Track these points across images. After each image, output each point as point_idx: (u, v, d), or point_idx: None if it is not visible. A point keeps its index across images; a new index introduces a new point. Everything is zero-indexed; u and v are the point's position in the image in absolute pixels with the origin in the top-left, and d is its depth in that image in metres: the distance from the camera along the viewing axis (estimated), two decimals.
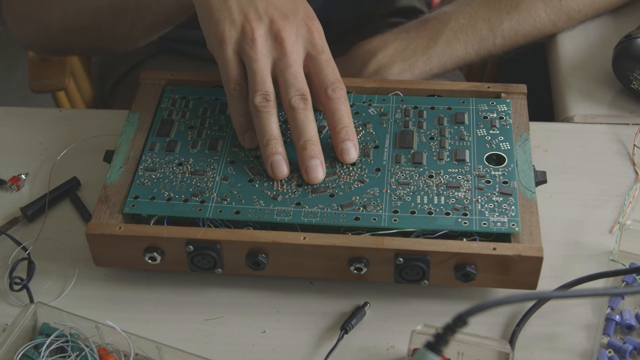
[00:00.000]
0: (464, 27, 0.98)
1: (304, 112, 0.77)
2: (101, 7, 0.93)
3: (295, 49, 0.78)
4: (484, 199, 0.76)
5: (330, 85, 0.79)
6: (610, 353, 0.72)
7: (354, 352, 0.74)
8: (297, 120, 0.77)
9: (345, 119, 0.79)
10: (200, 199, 0.77)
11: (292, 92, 0.77)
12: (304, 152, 0.78)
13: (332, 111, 0.79)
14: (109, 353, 0.72)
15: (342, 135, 0.79)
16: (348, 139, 0.79)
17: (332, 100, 0.79)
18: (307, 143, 0.77)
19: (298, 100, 0.77)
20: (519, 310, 0.76)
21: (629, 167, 0.88)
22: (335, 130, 0.79)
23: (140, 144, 0.83)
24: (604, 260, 0.79)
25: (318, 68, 0.79)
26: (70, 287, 0.79)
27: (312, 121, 0.78)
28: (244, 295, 0.78)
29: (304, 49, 0.79)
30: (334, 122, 0.79)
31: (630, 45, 0.91)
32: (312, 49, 0.79)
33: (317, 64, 0.79)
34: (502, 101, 0.86)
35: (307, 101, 0.78)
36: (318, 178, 0.78)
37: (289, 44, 0.78)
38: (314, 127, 0.78)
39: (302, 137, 0.78)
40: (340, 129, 0.79)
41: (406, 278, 0.75)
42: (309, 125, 0.78)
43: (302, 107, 0.77)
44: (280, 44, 0.78)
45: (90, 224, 0.76)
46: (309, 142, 0.77)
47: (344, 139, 0.79)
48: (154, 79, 0.89)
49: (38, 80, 1.13)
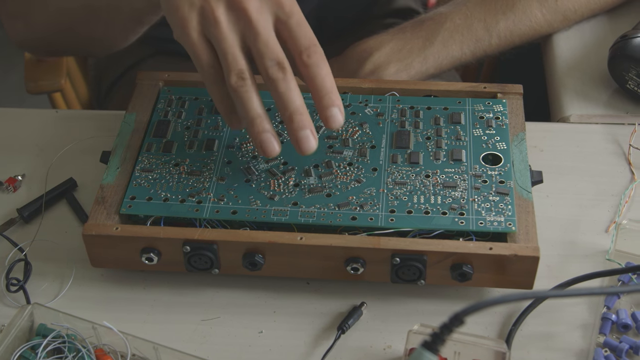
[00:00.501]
0: (459, 27, 0.98)
1: (284, 82, 0.72)
2: (76, 8, 0.93)
3: (262, 16, 0.73)
4: (481, 199, 0.77)
5: (304, 50, 0.73)
6: (606, 352, 0.73)
7: (350, 352, 0.74)
8: (279, 91, 0.72)
9: (327, 83, 0.73)
10: (197, 199, 0.77)
11: (267, 62, 0.72)
12: (291, 125, 0.73)
13: (311, 78, 0.73)
14: (105, 354, 0.72)
15: (326, 101, 0.73)
16: (332, 104, 0.73)
17: (309, 67, 0.73)
18: (294, 114, 0.72)
19: (275, 70, 0.72)
20: (515, 309, 0.76)
21: (624, 167, 0.88)
22: (317, 97, 0.73)
23: (136, 144, 0.83)
24: (600, 259, 0.80)
25: (290, 33, 0.73)
26: (67, 288, 0.79)
27: (294, 89, 0.72)
28: (241, 296, 0.78)
29: (272, 14, 0.73)
30: (315, 89, 0.73)
31: (625, 46, 0.91)
32: (281, 12, 0.73)
33: (289, 28, 0.73)
34: (498, 101, 0.86)
35: (285, 69, 0.72)
36: (311, 148, 0.73)
37: (254, 12, 0.73)
38: (298, 95, 0.73)
39: (287, 109, 0.73)
40: (323, 96, 0.73)
41: (403, 278, 0.75)
42: (292, 95, 0.72)
43: (281, 76, 0.72)
44: (243, 14, 0.73)
45: (87, 225, 0.76)
46: (295, 112, 0.72)
47: (327, 106, 0.73)
48: (151, 80, 0.89)
49: (34, 82, 1.13)
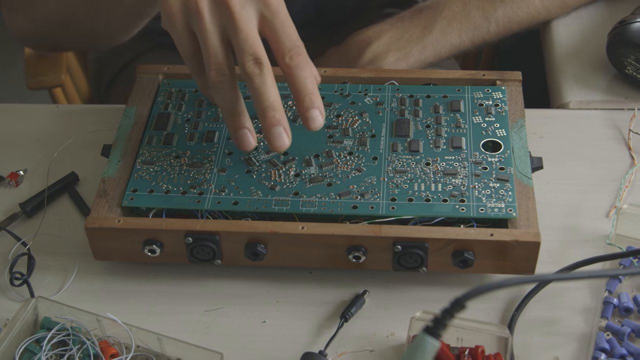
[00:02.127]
0: (458, 15, 0.98)
1: (259, 78, 0.72)
2: (75, 1, 0.93)
3: (245, 12, 0.73)
4: (481, 186, 0.77)
5: (287, 52, 0.73)
6: (608, 336, 0.73)
7: (354, 340, 0.74)
8: (254, 87, 0.73)
9: (308, 85, 0.74)
10: (199, 190, 0.78)
11: (245, 57, 0.72)
12: (265, 120, 0.73)
13: (293, 79, 0.74)
14: (110, 345, 0.72)
15: (306, 103, 0.74)
16: (312, 106, 0.74)
17: (291, 68, 0.74)
18: (267, 110, 0.73)
19: (252, 66, 0.72)
20: (517, 295, 0.76)
21: (624, 152, 0.88)
22: (299, 99, 0.74)
23: (137, 137, 0.83)
24: (601, 244, 0.80)
25: (274, 34, 0.74)
26: (70, 281, 0.80)
27: (270, 86, 0.73)
28: (244, 286, 0.79)
29: (256, 11, 0.74)
30: (296, 90, 0.74)
31: (624, 31, 0.92)
32: (266, 10, 0.74)
33: (273, 28, 0.74)
34: (498, 88, 0.86)
35: (262, 65, 0.72)
36: (283, 146, 0.73)
37: (237, 8, 0.73)
38: (273, 92, 0.73)
39: (261, 105, 0.73)
40: (304, 98, 0.74)
41: (404, 265, 0.75)
42: (266, 91, 0.73)
43: (257, 72, 0.72)
44: (226, 9, 0.73)
45: (89, 218, 0.76)
46: (269, 108, 0.73)
47: (308, 108, 0.74)
48: (150, 73, 0.90)
49: (35, 77, 1.14)
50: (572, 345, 0.73)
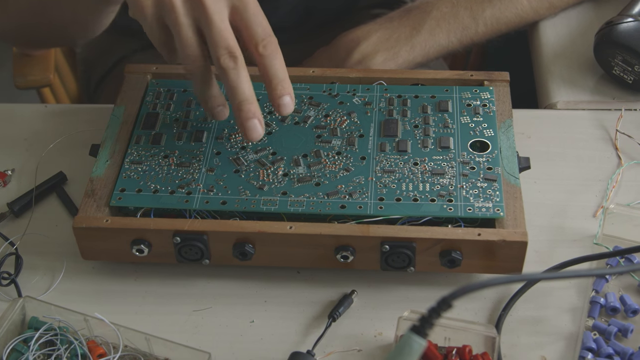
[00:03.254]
0: (446, 15, 0.98)
1: (234, 71, 0.74)
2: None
3: (217, 5, 0.74)
4: (469, 185, 0.77)
5: (260, 41, 0.75)
6: (595, 335, 0.73)
7: (342, 339, 0.74)
8: (229, 81, 0.74)
9: (280, 73, 0.76)
10: (187, 190, 0.78)
11: (219, 51, 0.74)
12: (240, 114, 0.75)
13: (265, 68, 0.76)
14: (97, 345, 0.72)
15: (279, 90, 0.76)
16: (284, 93, 0.76)
17: (264, 57, 0.75)
18: (242, 104, 0.75)
19: (227, 60, 0.74)
20: (504, 295, 0.77)
21: (611, 152, 0.88)
22: (271, 86, 0.76)
23: (125, 137, 0.83)
24: (588, 244, 0.80)
25: (246, 23, 0.76)
26: (58, 281, 0.79)
27: (244, 79, 0.75)
28: (232, 286, 0.79)
29: (228, 2, 0.75)
30: (269, 78, 0.76)
31: (611, 32, 0.92)
32: (237, 1, 0.75)
33: (245, 18, 0.75)
34: (485, 89, 0.86)
35: (237, 58, 0.74)
36: (258, 137, 0.76)
37: (209, 1, 0.74)
38: (247, 85, 0.75)
39: (237, 98, 0.75)
40: (276, 85, 0.76)
41: (392, 265, 0.75)
42: (241, 84, 0.74)
43: (232, 65, 0.74)
44: (199, 2, 0.74)
45: (77, 218, 0.76)
46: (244, 102, 0.75)
47: (280, 94, 0.76)
48: (139, 73, 0.90)
49: (23, 77, 1.13)
50: (559, 345, 0.73)
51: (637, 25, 0.91)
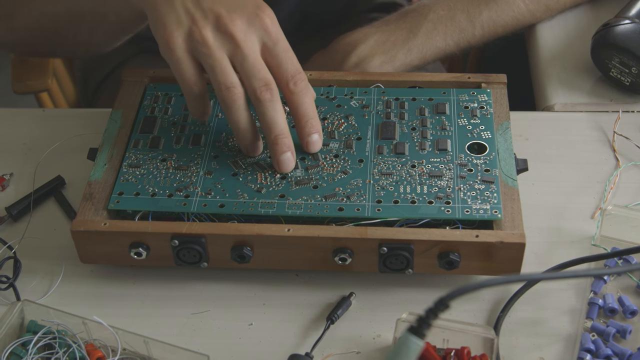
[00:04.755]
0: (443, 18, 0.99)
1: (271, 104, 0.76)
2: (60, 12, 0.93)
3: (249, 39, 0.76)
4: (466, 187, 0.77)
5: (291, 78, 0.78)
6: (593, 337, 0.73)
7: (340, 342, 0.74)
8: (266, 114, 0.76)
9: (309, 111, 0.79)
10: (185, 193, 0.78)
11: (256, 82, 0.76)
12: (275, 147, 0.77)
13: (296, 106, 0.78)
14: (96, 349, 0.72)
15: (308, 128, 0.79)
16: (313, 131, 0.79)
17: (295, 94, 0.78)
18: (278, 138, 0.77)
19: (264, 92, 0.76)
20: (503, 296, 0.77)
21: (609, 154, 0.89)
22: (301, 124, 0.79)
23: (123, 141, 0.83)
24: (586, 245, 0.80)
25: (276, 60, 0.77)
26: (56, 285, 0.79)
27: (280, 112, 0.77)
28: (230, 289, 0.79)
29: (259, 39, 0.77)
30: (299, 116, 0.79)
31: (608, 34, 0.92)
32: (267, 38, 0.77)
33: (275, 56, 0.77)
34: (483, 91, 0.86)
35: (273, 90, 0.76)
36: (290, 168, 0.79)
37: (241, 36, 0.76)
38: (283, 119, 0.77)
39: (273, 132, 0.77)
40: (306, 122, 0.79)
41: (390, 267, 0.75)
42: (278, 119, 0.77)
43: (269, 97, 0.76)
44: (231, 38, 0.76)
45: (75, 221, 0.76)
46: (280, 136, 0.77)
47: (309, 133, 0.79)
48: (137, 77, 0.90)
49: (21, 82, 1.13)
50: (557, 346, 0.73)
51: (634, 27, 0.91)
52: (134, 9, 0.82)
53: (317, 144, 0.80)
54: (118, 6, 0.85)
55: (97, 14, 0.90)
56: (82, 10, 0.91)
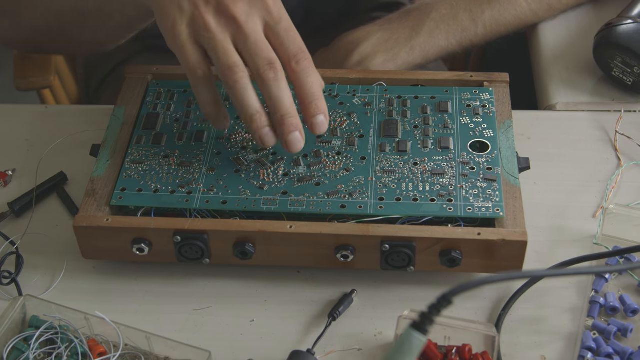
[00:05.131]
0: (445, 17, 0.99)
1: (275, 83, 0.74)
2: (65, 10, 0.93)
3: (251, 20, 0.75)
4: (469, 185, 0.77)
5: (293, 57, 0.76)
6: (595, 335, 0.73)
7: (342, 338, 0.75)
8: (271, 93, 0.74)
9: (314, 90, 0.76)
10: (187, 190, 0.78)
11: (259, 61, 0.74)
12: (282, 127, 0.75)
13: (299, 84, 0.76)
14: (98, 344, 0.72)
15: (313, 109, 0.76)
16: (318, 112, 0.76)
17: (297, 73, 0.76)
18: (285, 117, 0.75)
19: (268, 70, 0.74)
20: (504, 294, 0.77)
21: (611, 153, 0.89)
22: (305, 104, 0.76)
23: (126, 137, 0.83)
24: (588, 244, 0.80)
25: (279, 39, 0.76)
26: (58, 280, 0.80)
27: (285, 91, 0.75)
28: (232, 285, 0.79)
29: (261, 19, 0.76)
30: (303, 95, 0.76)
31: (610, 33, 0.92)
32: (269, 17, 0.76)
33: (277, 35, 0.76)
34: (485, 90, 0.86)
35: (277, 69, 0.74)
36: (299, 148, 0.76)
37: (243, 17, 0.75)
38: (288, 97, 0.75)
39: (279, 111, 0.75)
40: (310, 103, 0.76)
41: (392, 264, 0.75)
42: (283, 97, 0.74)
43: (273, 76, 0.74)
44: (232, 19, 0.75)
45: (78, 217, 0.76)
46: (287, 116, 0.75)
47: (314, 113, 0.76)
48: (139, 74, 0.90)
49: (23, 78, 1.14)
50: (558, 344, 0.74)
51: (636, 27, 0.91)
52: (139, 6, 0.82)
53: (323, 125, 0.76)
54: (124, 4, 0.85)
55: (102, 12, 0.90)
56: (87, 9, 0.91)
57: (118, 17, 0.89)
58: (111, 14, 0.89)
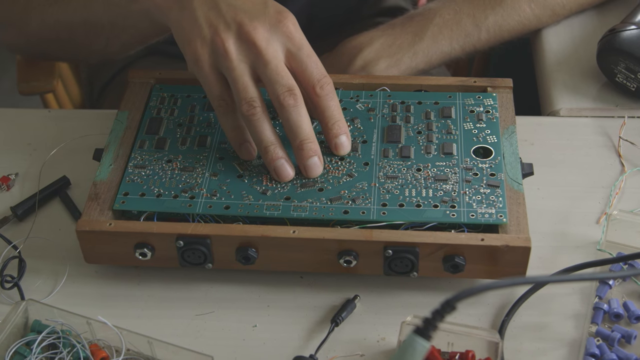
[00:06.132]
0: (449, 22, 0.99)
1: (295, 109, 0.76)
2: (76, 22, 0.93)
3: (271, 46, 0.76)
4: (472, 191, 0.77)
5: (317, 82, 0.78)
6: (598, 342, 0.73)
7: (344, 344, 0.74)
8: (290, 120, 0.76)
9: (336, 113, 0.79)
10: (190, 194, 0.78)
11: (279, 88, 0.76)
12: (301, 153, 0.77)
13: (322, 109, 0.78)
14: (100, 349, 0.72)
15: (335, 130, 0.79)
16: (341, 133, 0.79)
17: (321, 98, 0.78)
18: (304, 143, 0.77)
19: (287, 97, 0.76)
20: (508, 300, 0.77)
21: (614, 159, 0.89)
22: (328, 126, 0.79)
23: (129, 141, 0.83)
24: (591, 250, 0.80)
25: (301, 65, 0.78)
26: (61, 285, 0.79)
27: (305, 117, 0.77)
28: (235, 290, 0.79)
29: (282, 45, 0.77)
30: (326, 118, 0.79)
31: (614, 39, 0.92)
32: (290, 44, 0.77)
33: (299, 61, 0.78)
34: (489, 95, 0.86)
35: (297, 96, 0.76)
36: (318, 173, 0.78)
37: (263, 43, 0.76)
38: (308, 123, 0.77)
39: (298, 137, 0.77)
40: (333, 125, 0.79)
41: (395, 270, 0.75)
42: (302, 123, 0.77)
43: (292, 103, 0.76)
44: (253, 45, 0.76)
45: (81, 221, 0.76)
46: (306, 141, 0.77)
47: (337, 134, 0.79)
48: (143, 78, 0.90)
49: (27, 82, 1.14)
50: (562, 351, 0.73)
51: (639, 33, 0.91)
52: (154, 22, 0.83)
53: (346, 145, 0.80)
54: (138, 19, 0.86)
55: (115, 26, 0.90)
56: (100, 22, 0.91)
57: (131, 31, 0.89)
58: (124, 27, 0.89)
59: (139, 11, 0.84)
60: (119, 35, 0.91)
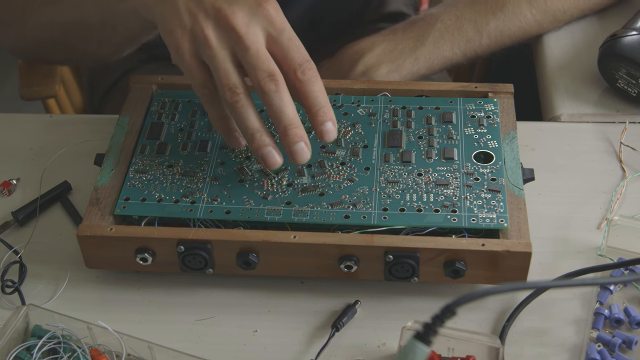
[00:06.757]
0: (450, 28, 0.99)
1: (277, 95, 0.73)
2: (69, 23, 0.93)
3: (251, 31, 0.74)
4: (473, 196, 0.77)
5: (299, 67, 0.75)
6: (599, 347, 0.73)
7: (345, 350, 0.74)
8: (273, 105, 0.74)
9: (320, 98, 0.75)
10: (191, 199, 0.78)
11: (259, 73, 0.73)
12: (286, 139, 0.74)
13: (305, 94, 0.75)
14: (101, 354, 0.72)
15: (320, 117, 0.75)
16: (326, 119, 0.75)
17: (303, 83, 0.75)
18: (288, 128, 0.74)
19: (268, 82, 0.73)
20: (508, 306, 0.76)
21: (615, 164, 0.89)
22: (312, 112, 0.75)
23: (130, 146, 0.83)
24: (592, 256, 0.80)
25: (282, 50, 0.75)
26: (62, 290, 0.79)
27: (288, 102, 0.74)
28: (235, 295, 0.79)
29: (262, 29, 0.75)
30: (309, 104, 0.75)
31: (615, 45, 0.92)
32: (271, 28, 0.75)
33: (281, 45, 0.75)
34: (490, 100, 0.86)
35: (278, 81, 0.73)
36: (305, 159, 0.75)
37: (242, 28, 0.74)
38: (291, 108, 0.74)
39: (282, 123, 0.74)
40: (317, 111, 0.75)
41: (396, 275, 0.75)
42: (285, 109, 0.74)
43: (274, 89, 0.73)
44: (232, 31, 0.74)
45: (82, 226, 0.76)
46: (290, 127, 0.74)
47: (322, 121, 0.75)
48: (144, 83, 0.90)
49: (28, 88, 1.14)
50: (563, 356, 0.73)
51: None
52: (142, 19, 0.82)
53: (332, 132, 0.76)
54: (127, 18, 0.85)
55: (105, 25, 0.90)
56: (90, 22, 0.91)
57: (121, 30, 0.89)
58: (114, 27, 0.89)
59: (127, 9, 0.83)
60: (110, 36, 0.91)
